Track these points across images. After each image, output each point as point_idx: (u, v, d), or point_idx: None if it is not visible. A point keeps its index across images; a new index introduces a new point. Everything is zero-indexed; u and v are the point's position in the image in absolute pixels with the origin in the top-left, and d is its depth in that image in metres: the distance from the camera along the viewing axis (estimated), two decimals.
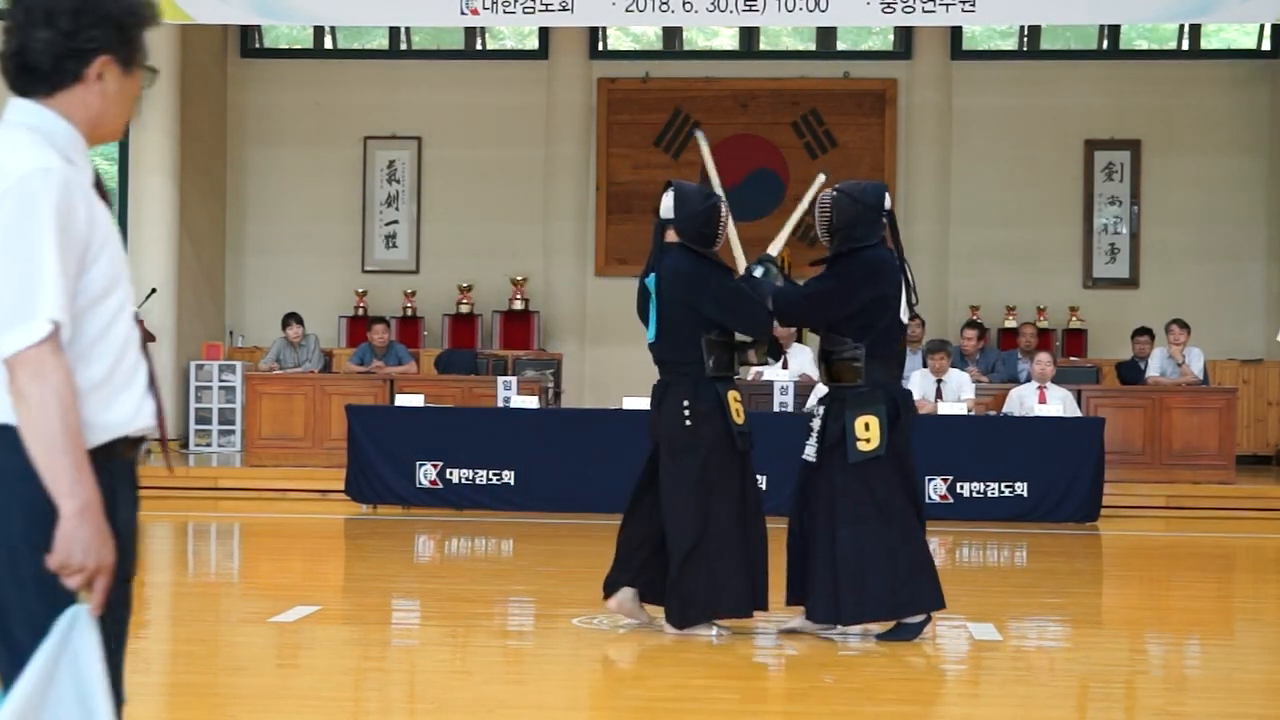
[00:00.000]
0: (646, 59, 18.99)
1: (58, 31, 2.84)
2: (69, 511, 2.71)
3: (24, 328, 2.70)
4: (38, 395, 2.70)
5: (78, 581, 2.73)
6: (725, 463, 7.18)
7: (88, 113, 2.95)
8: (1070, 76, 18.52)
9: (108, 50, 2.91)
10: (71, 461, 2.71)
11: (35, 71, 2.87)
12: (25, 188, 2.75)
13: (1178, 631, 8.24)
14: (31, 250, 2.72)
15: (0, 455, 2.75)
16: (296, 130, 18.93)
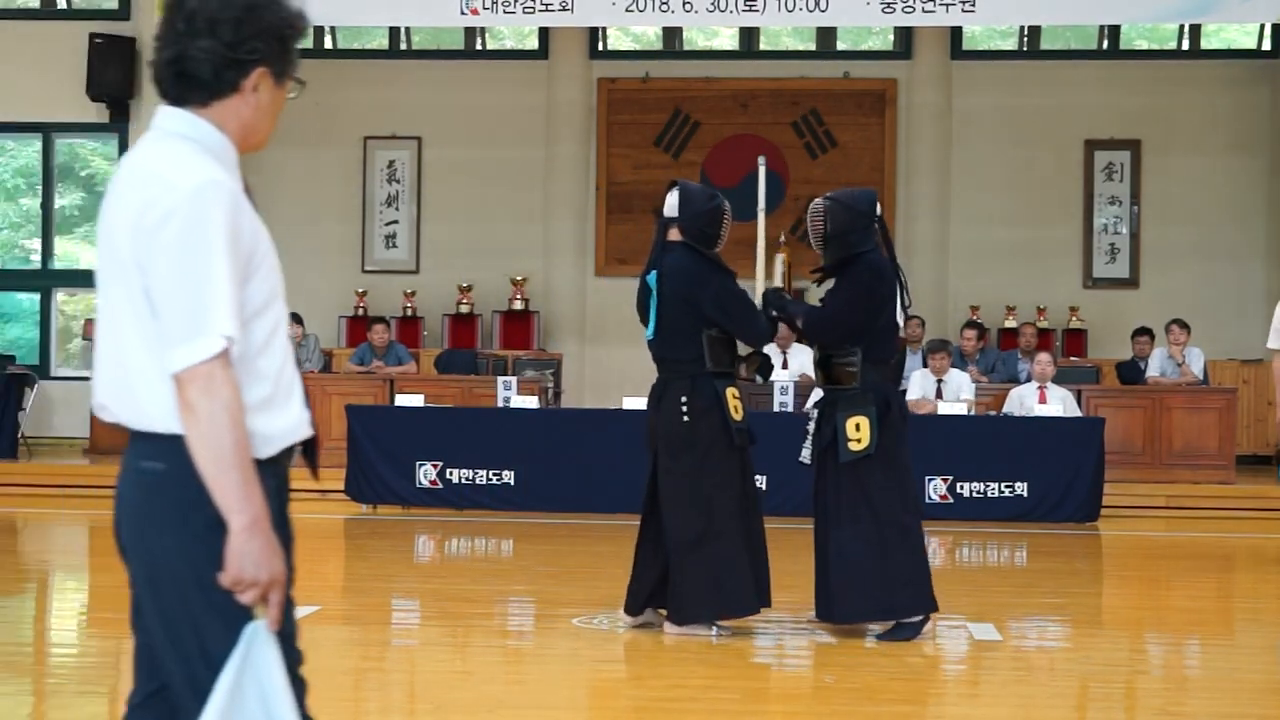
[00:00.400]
0: (646, 59, 18.99)
1: (220, 41, 2.82)
2: (238, 527, 2.68)
3: (196, 343, 2.67)
4: (208, 410, 2.67)
5: (251, 597, 2.69)
6: (723, 459, 7.20)
7: (240, 123, 2.89)
8: (1070, 76, 18.52)
9: (266, 62, 2.86)
10: (240, 477, 2.68)
11: (194, 80, 2.85)
12: (196, 201, 2.71)
13: (1178, 631, 8.24)
14: (204, 265, 2.69)
15: (187, 468, 2.72)
16: (296, 130, 18.92)
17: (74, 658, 7.20)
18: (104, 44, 16.92)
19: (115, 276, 2.80)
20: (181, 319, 2.69)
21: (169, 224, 2.70)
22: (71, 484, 14.38)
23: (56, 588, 9.66)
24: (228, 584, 2.68)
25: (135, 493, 2.79)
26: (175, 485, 2.74)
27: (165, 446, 2.75)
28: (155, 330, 2.73)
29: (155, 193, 2.73)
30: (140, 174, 2.79)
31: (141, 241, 2.72)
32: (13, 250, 18.79)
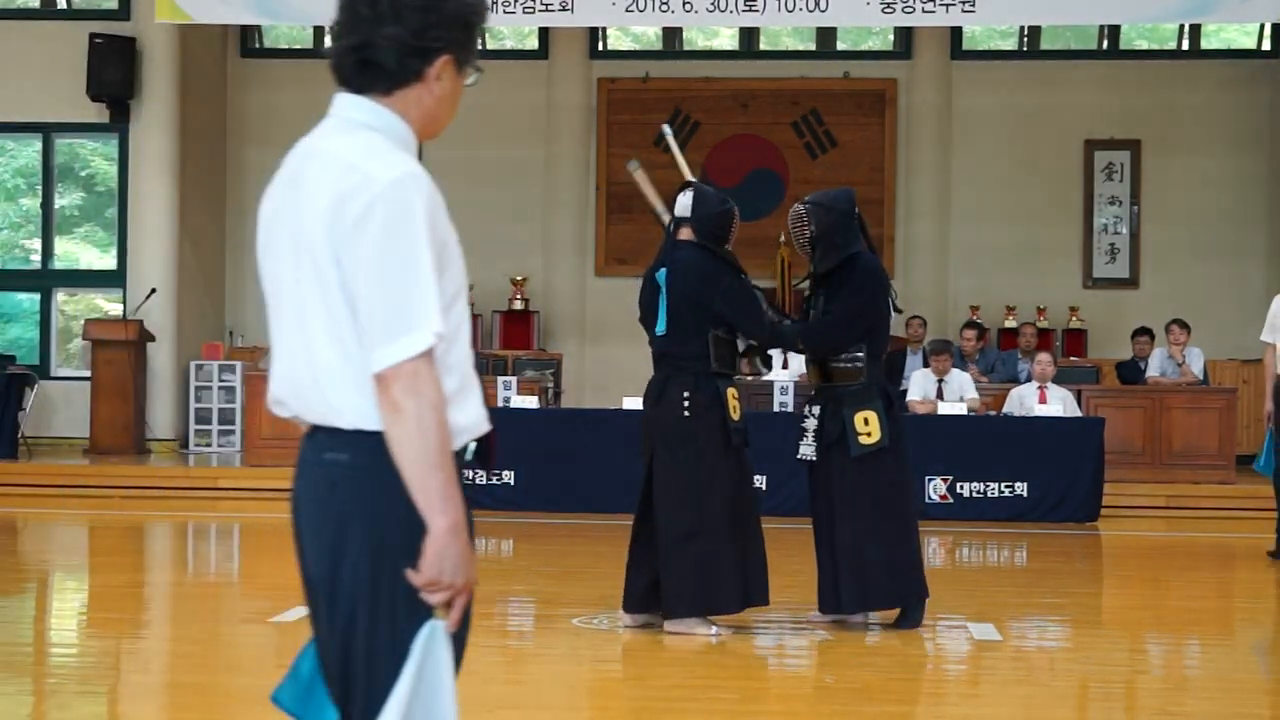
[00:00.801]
0: (646, 59, 18.99)
1: (405, 28, 2.74)
2: (440, 528, 2.62)
3: (405, 340, 2.60)
4: (414, 409, 2.60)
5: (441, 599, 2.66)
6: (720, 457, 7.26)
7: (422, 112, 2.82)
8: (1070, 76, 18.52)
9: (450, 49, 2.79)
10: (444, 477, 2.62)
11: (378, 68, 2.77)
12: (397, 193, 2.65)
13: (1178, 631, 8.24)
14: (409, 259, 2.63)
15: (373, 462, 2.67)
16: (296, 130, 18.58)
17: (74, 658, 7.20)
18: (104, 44, 16.92)
19: (303, 270, 2.70)
20: (386, 316, 2.61)
21: (371, 218, 2.63)
22: (71, 484, 14.38)
23: (56, 588, 9.66)
24: (422, 583, 2.64)
25: (316, 484, 2.74)
26: (358, 477, 2.69)
27: (350, 440, 2.69)
28: (347, 326, 2.65)
29: (354, 185, 2.65)
30: (332, 165, 2.71)
31: (340, 236, 2.64)
32: (13, 250, 18.78)
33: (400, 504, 2.65)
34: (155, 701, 6.22)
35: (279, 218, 2.78)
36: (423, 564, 2.63)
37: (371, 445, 2.66)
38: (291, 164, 2.83)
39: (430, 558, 2.63)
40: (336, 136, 2.78)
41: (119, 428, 16.02)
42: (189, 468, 15.28)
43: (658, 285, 7.34)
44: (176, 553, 11.79)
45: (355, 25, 2.76)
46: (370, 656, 2.70)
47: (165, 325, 16.90)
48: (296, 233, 2.72)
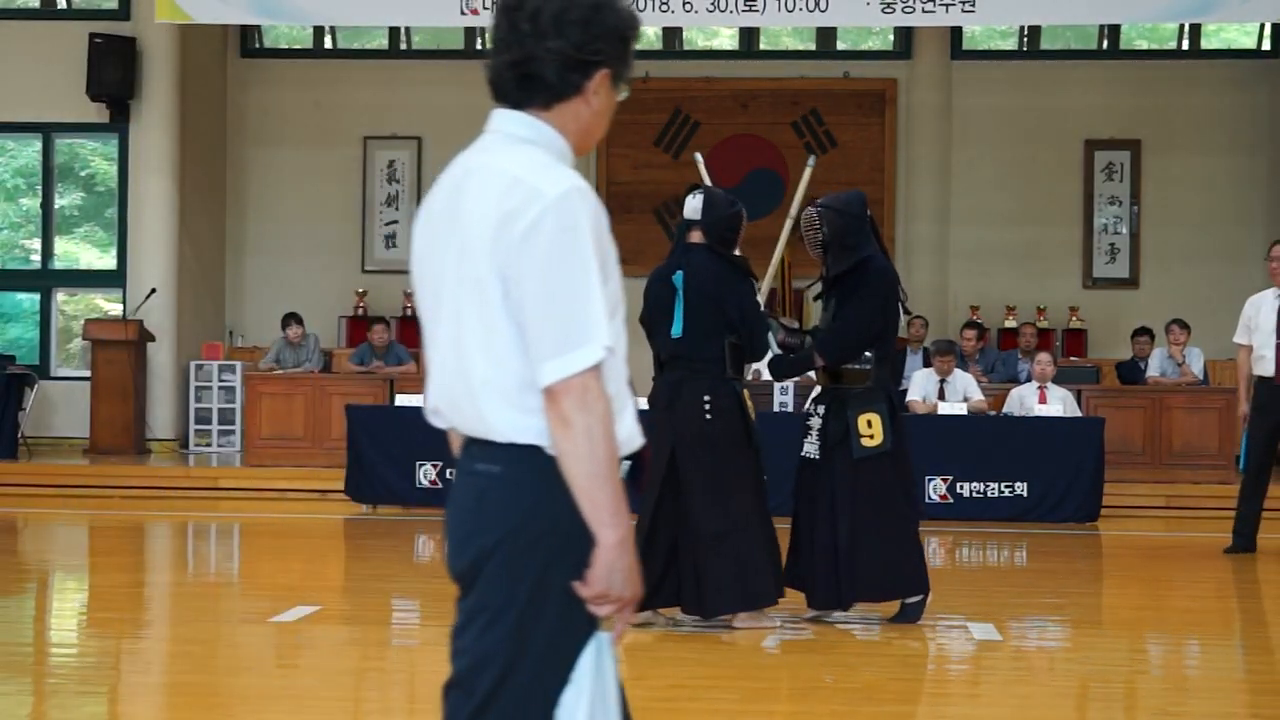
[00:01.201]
0: (646, 59, 18.97)
1: (568, 42, 2.75)
2: (610, 542, 2.63)
3: (575, 353, 2.61)
4: (583, 423, 2.61)
5: (609, 611, 2.66)
6: (741, 458, 7.38)
7: (579, 125, 2.82)
8: (1070, 76, 18.52)
9: (609, 63, 2.80)
10: (613, 491, 2.63)
11: (539, 82, 2.77)
12: (566, 207, 2.64)
13: (1178, 631, 8.24)
14: (578, 273, 2.62)
15: (524, 474, 2.69)
16: (296, 130, 18.93)
17: (74, 658, 7.20)
18: (104, 44, 16.92)
19: (464, 284, 2.70)
20: (556, 330, 2.61)
21: (539, 232, 2.63)
22: (71, 484, 14.38)
23: (56, 588, 9.66)
24: (590, 596, 2.64)
25: (467, 495, 2.75)
26: (510, 489, 2.69)
27: (504, 453, 2.70)
28: (503, 340, 2.66)
29: (520, 200, 2.66)
30: (496, 180, 2.72)
31: (507, 250, 2.65)
32: (13, 250, 18.78)
33: (554, 516, 2.67)
34: (155, 701, 6.22)
35: (437, 231, 2.80)
36: (592, 577, 2.64)
37: (523, 458, 2.68)
38: (450, 178, 2.86)
39: (600, 570, 2.64)
40: (497, 151, 2.79)
41: (119, 428, 16.02)
42: (189, 468, 15.27)
43: (673, 287, 7.40)
44: (176, 553, 11.79)
45: (516, 40, 2.77)
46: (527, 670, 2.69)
47: (165, 325, 16.90)
48: (459, 247, 2.73)
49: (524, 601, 2.67)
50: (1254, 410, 10.47)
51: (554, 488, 2.65)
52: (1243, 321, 10.65)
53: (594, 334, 2.62)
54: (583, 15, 2.76)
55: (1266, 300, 10.57)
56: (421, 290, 2.84)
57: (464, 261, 2.71)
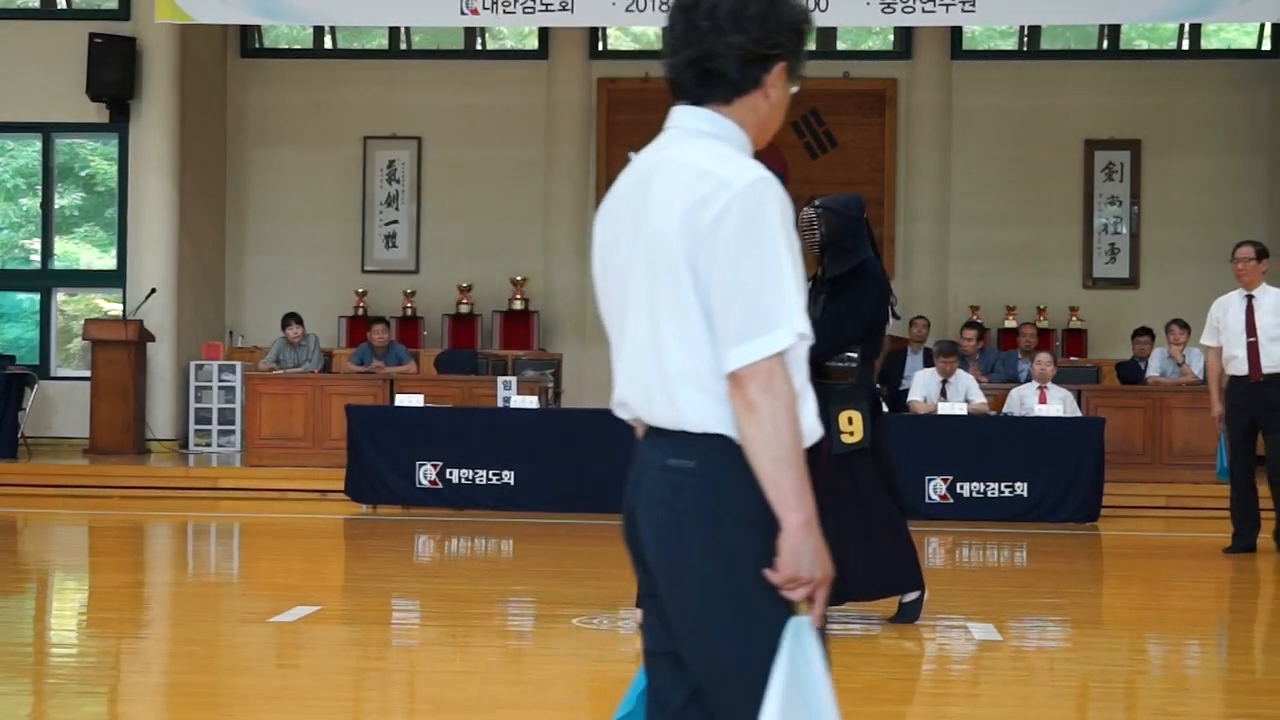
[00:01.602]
0: (646, 59, 18.98)
1: (748, 37, 2.78)
2: (795, 524, 2.66)
3: (763, 339, 2.64)
4: (769, 407, 2.64)
5: (802, 594, 2.68)
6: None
7: (757, 119, 2.88)
8: (1070, 76, 18.52)
9: (786, 57, 2.84)
10: (797, 475, 2.67)
11: (720, 78, 2.81)
12: (754, 195, 2.69)
13: (1178, 631, 8.24)
14: (768, 260, 2.66)
15: (718, 466, 2.71)
16: (296, 130, 18.93)
17: (74, 658, 7.20)
18: (104, 44, 16.92)
19: (655, 275, 2.73)
20: (744, 316, 2.65)
21: (728, 221, 2.67)
22: (71, 484, 14.38)
23: (56, 588, 9.66)
24: (781, 581, 2.67)
25: (661, 490, 2.75)
26: (705, 482, 2.71)
27: (698, 445, 2.72)
28: (698, 329, 2.69)
29: (709, 190, 2.70)
30: (682, 171, 2.74)
31: (697, 240, 2.68)
32: (13, 250, 18.79)
33: (748, 505, 2.69)
34: (155, 701, 6.22)
35: (623, 226, 2.83)
36: (780, 561, 2.67)
37: (719, 448, 2.71)
38: (633, 175, 2.87)
39: (787, 554, 2.67)
40: (680, 146, 2.82)
41: (119, 428, 16.02)
42: (189, 468, 15.27)
43: None
44: (176, 553, 11.78)
45: (695, 37, 2.80)
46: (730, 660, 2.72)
47: (165, 325, 16.90)
48: (648, 239, 2.76)
49: (722, 592, 2.70)
50: (1230, 409, 10.62)
51: (747, 479, 2.68)
52: (1210, 323, 10.85)
53: (783, 319, 2.65)
54: (760, 10, 2.79)
55: (1233, 301, 10.72)
56: (606, 285, 2.88)
57: (654, 253, 2.74)
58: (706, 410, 2.71)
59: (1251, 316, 10.55)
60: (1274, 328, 10.50)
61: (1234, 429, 10.62)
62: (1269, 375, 10.47)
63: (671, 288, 2.71)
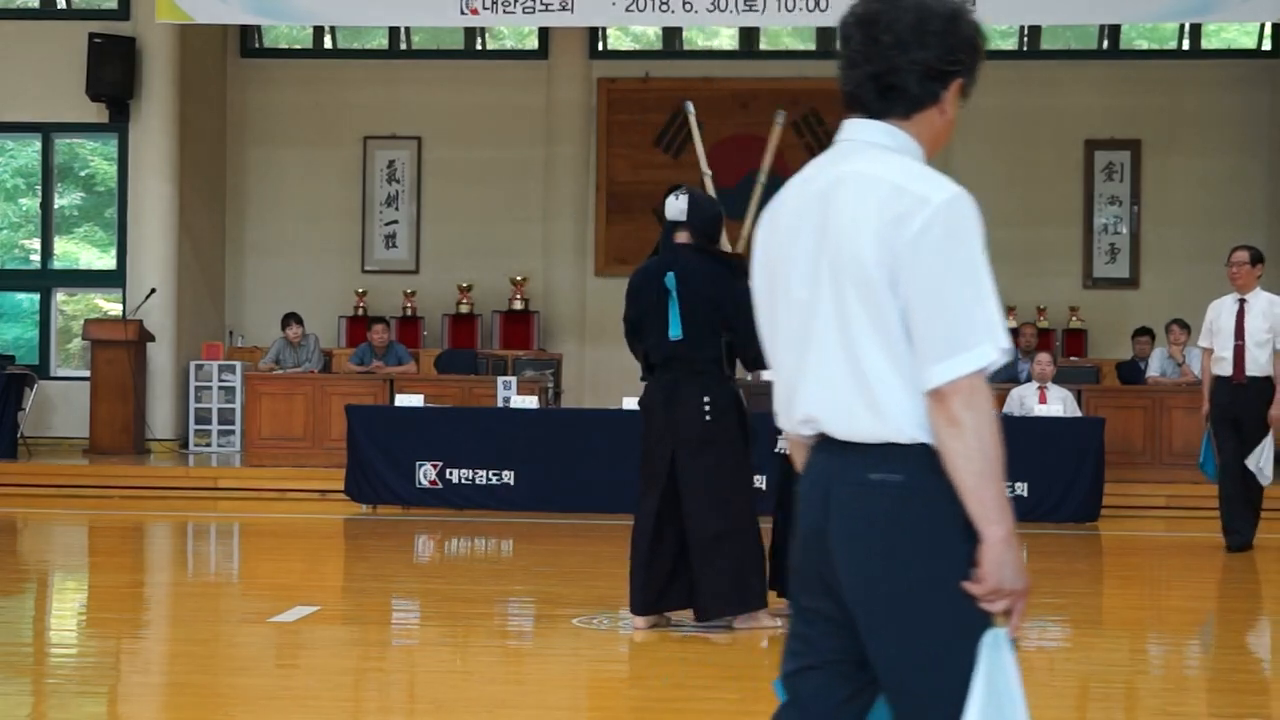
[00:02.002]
0: (646, 59, 18.99)
1: (930, 53, 2.82)
2: (997, 537, 2.69)
3: (969, 354, 2.67)
4: (973, 423, 2.69)
5: (1002, 606, 2.71)
6: (740, 458, 7.40)
7: (932, 133, 2.94)
8: (1070, 76, 18.51)
9: (963, 73, 2.89)
10: (999, 489, 2.71)
11: (901, 93, 2.85)
12: (954, 212, 2.71)
13: (1178, 631, 8.24)
14: (970, 276, 2.69)
15: (928, 478, 2.73)
16: (296, 130, 18.93)
17: (74, 658, 7.20)
18: (104, 44, 16.92)
19: (849, 291, 2.74)
20: (947, 332, 2.67)
21: (929, 237, 2.69)
22: (71, 484, 14.38)
23: (56, 588, 9.66)
24: (983, 593, 2.69)
25: (868, 505, 2.75)
26: (919, 495, 2.73)
27: (903, 456, 2.74)
28: (901, 344, 2.71)
29: (907, 206, 2.72)
30: (874, 188, 2.77)
31: (897, 256, 2.70)
32: (13, 250, 18.78)
33: (952, 518, 2.72)
34: (155, 701, 6.22)
35: (800, 240, 2.84)
36: (983, 573, 2.69)
37: (926, 460, 2.73)
38: (810, 188, 2.90)
39: (990, 566, 2.69)
40: (865, 160, 2.85)
41: (119, 428, 16.02)
42: (189, 468, 15.27)
43: (665, 289, 7.37)
44: (176, 553, 11.79)
45: (877, 53, 2.83)
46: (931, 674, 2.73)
47: (165, 325, 16.90)
48: (837, 254, 2.76)
49: (932, 604, 2.72)
50: (1215, 409, 10.75)
51: (949, 490, 2.72)
52: (1205, 326, 10.99)
53: (985, 335, 2.68)
54: (942, 26, 2.82)
55: (1226, 305, 10.85)
56: (775, 302, 2.89)
57: (847, 269, 2.75)
58: (916, 422, 2.73)
59: (1241, 320, 10.68)
60: (1262, 332, 10.64)
61: (1219, 429, 10.73)
62: (1252, 379, 10.62)
63: (869, 304, 2.73)
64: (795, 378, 2.85)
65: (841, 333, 2.76)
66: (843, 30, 2.88)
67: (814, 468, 2.84)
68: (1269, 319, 10.62)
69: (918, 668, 2.74)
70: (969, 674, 2.68)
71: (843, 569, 2.78)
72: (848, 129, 2.92)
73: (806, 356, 2.82)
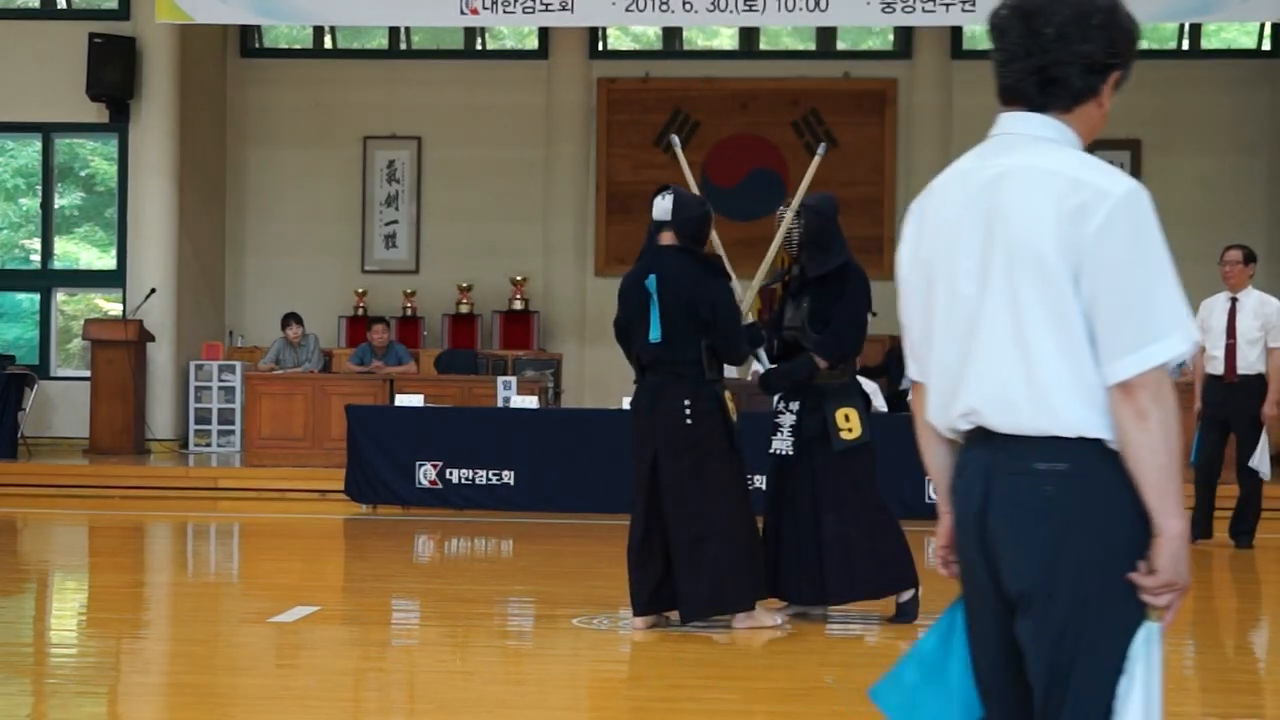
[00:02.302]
0: (646, 59, 18.99)
1: (1094, 46, 2.86)
2: (1175, 531, 2.71)
3: (1154, 347, 2.67)
4: (1159, 416, 2.68)
5: (1166, 600, 2.73)
6: (723, 461, 7.36)
7: (1089, 126, 2.95)
8: None
9: (1121, 66, 2.94)
10: (1178, 483, 2.72)
11: (1064, 86, 2.88)
12: (1134, 204, 2.71)
13: (1178, 631, 8.23)
14: (1155, 268, 2.70)
15: (1097, 469, 2.73)
16: (296, 130, 18.94)
17: (74, 658, 7.20)
18: (104, 44, 16.92)
19: (1024, 282, 2.75)
20: (1136, 325, 2.68)
21: (1113, 230, 2.69)
22: (71, 484, 14.38)
23: (56, 588, 9.66)
24: (1155, 585, 2.71)
25: (1028, 490, 2.76)
26: (1079, 485, 2.74)
27: (1070, 449, 2.74)
28: (1079, 337, 2.72)
29: (1086, 199, 2.72)
30: (1048, 180, 2.76)
31: (1079, 248, 2.71)
32: (13, 250, 18.79)
33: (1122, 510, 2.73)
34: (155, 701, 6.22)
35: (963, 233, 2.84)
36: (1159, 566, 2.71)
37: (1092, 453, 2.73)
38: (970, 180, 2.87)
39: (1166, 560, 2.71)
40: (1032, 152, 2.83)
41: (119, 428, 16.03)
42: (189, 468, 15.27)
43: (647, 292, 7.36)
44: (176, 553, 11.79)
45: (1039, 46, 2.85)
46: (1089, 664, 2.76)
47: (165, 325, 16.90)
48: (1009, 246, 2.76)
49: (1093, 595, 2.74)
50: (1205, 406, 11.02)
51: (1120, 481, 2.72)
52: (1197, 324, 10.93)
53: (1172, 327, 2.69)
54: (1103, 20, 2.86)
55: (1219, 303, 10.97)
56: (934, 294, 2.88)
57: (1022, 262, 2.75)
58: (1085, 416, 2.72)
59: (1233, 319, 10.81)
60: (1253, 330, 10.76)
61: (1207, 428, 10.98)
62: (1243, 377, 10.79)
63: (1047, 297, 2.73)
64: (958, 371, 2.85)
65: (1014, 327, 2.76)
66: (997, 24, 2.89)
67: (972, 461, 2.84)
68: (1260, 317, 10.72)
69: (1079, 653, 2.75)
70: (1119, 664, 2.72)
71: (1009, 556, 2.80)
72: (1006, 123, 2.91)
73: (972, 350, 2.82)
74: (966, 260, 2.82)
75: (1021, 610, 2.79)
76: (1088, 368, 2.71)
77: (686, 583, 7.28)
